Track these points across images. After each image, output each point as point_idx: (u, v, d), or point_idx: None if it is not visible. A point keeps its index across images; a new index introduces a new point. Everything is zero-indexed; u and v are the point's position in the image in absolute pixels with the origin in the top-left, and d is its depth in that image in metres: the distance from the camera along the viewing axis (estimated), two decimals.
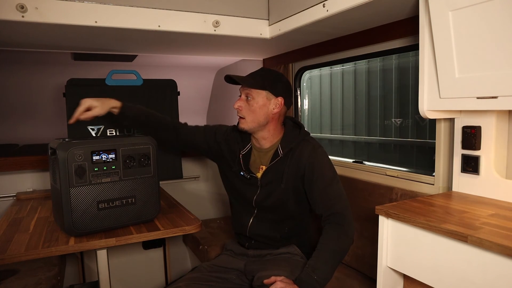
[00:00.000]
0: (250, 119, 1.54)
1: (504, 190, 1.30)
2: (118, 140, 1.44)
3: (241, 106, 1.55)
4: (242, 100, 1.55)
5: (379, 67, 3.22)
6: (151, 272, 2.47)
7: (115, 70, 2.14)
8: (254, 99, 1.53)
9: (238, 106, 1.55)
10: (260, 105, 1.53)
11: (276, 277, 1.34)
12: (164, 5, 1.69)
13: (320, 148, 1.55)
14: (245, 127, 1.56)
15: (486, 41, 1.08)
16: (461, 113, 1.41)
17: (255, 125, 1.55)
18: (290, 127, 1.62)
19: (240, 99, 1.56)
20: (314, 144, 1.56)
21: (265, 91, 1.53)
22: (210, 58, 3.30)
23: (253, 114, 1.54)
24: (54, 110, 3.58)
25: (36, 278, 1.57)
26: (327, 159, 1.55)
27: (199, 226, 1.51)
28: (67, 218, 1.32)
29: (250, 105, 1.53)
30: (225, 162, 1.69)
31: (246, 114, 1.54)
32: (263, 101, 1.53)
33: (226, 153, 1.67)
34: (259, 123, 1.55)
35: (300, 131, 1.60)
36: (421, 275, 1.16)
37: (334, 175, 1.52)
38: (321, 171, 1.50)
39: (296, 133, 1.59)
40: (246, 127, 1.55)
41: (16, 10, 1.45)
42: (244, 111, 1.54)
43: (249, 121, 1.54)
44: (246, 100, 1.54)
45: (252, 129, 1.56)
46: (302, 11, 1.64)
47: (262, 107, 1.53)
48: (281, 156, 1.54)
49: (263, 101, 1.54)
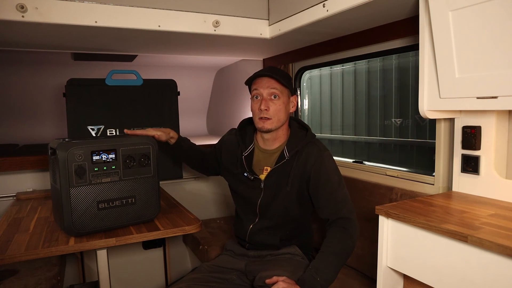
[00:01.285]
0: (276, 119, 1.50)
1: (504, 190, 1.30)
2: (118, 140, 1.44)
3: (269, 106, 1.49)
4: (267, 99, 1.50)
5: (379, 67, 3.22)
6: (151, 272, 2.47)
7: (115, 70, 2.14)
8: (280, 98, 1.50)
9: (267, 107, 1.49)
10: (285, 104, 1.52)
11: (278, 277, 1.34)
12: (164, 5, 1.69)
13: (326, 152, 1.54)
14: (272, 128, 1.51)
15: (486, 41, 1.08)
16: (461, 113, 1.41)
17: (279, 125, 1.53)
18: (296, 129, 1.61)
19: (265, 98, 1.50)
20: (320, 147, 1.55)
21: (287, 89, 1.53)
22: (210, 58, 3.30)
23: (280, 114, 1.50)
24: (54, 110, 3.58)
25: (36, 278, 1.57)
26: (334, 163, 1.54)
27: (199, 226, 1.51)
28: (67, 218, 1.32)
29: (277, 104, 1.49)
30: (229, 169, 1.69)
31: (273, 114, 1.49)
32: (287, 100, 1.53)
33: (226, 158, 1.69)
34: (282, 123, 1.54)
35: (306, 133, 1.59)
36: (421, 275, 1.16)
37: (340, 179, 1.51)
38: (327, 176, 1.49)
39: (303, 135, 1.58)
40: (273, 127, 1.51)
41: (16, 10, 1.45)
42: (272, 111, 1.49)
43: (275, 121, 1.50)
44: (271, 99, 1.50)
45: (275, 128, 1.53)
46: (302, 11, 1.64)
47: (286, 106, 1.53)
48: (287, 159, 1.53)
49: (287, 100, 1.53)
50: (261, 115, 1.50)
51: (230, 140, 1.70)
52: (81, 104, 2.06)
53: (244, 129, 1.70)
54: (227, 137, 1.74)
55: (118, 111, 2.14)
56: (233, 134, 1.70)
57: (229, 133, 1.74)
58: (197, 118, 4.34)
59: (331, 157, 1.54)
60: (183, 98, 2.46)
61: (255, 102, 1.53)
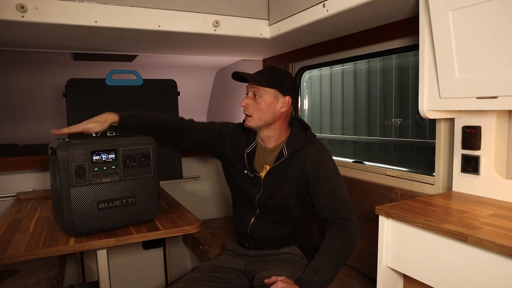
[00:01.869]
0: (257, 117, 1.52)
1: (504, 190, 1.30)
2: (118, 140, 1.44)
3: (248, 104, 1.52)
4: (249, 97, 1.53)
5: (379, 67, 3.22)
6: (151, 272, 2.47)
7: (115, 70, 2.14)
8: (261, 97, 1.51)
9: (245, 104, 1.53)
10: (267, 104, 1.51)
11: (277, 277, 1.34)
12: (164, 5, 1.69)
13: (326, 152, 1.54)
14: (251, 125, 1.54)
15: (486, 41, 1.08)
16: (461, 113, 1.41)
17: (261, 124, 1.53)
18: (297, 128, 1.61)
19: (247, 96, 1.54)
20: (320, 147, 1.55)
21: (273, 90, 1.52)
22: (210, 58, 3.30)
23: (260, 112, 1.52)
24: (54, 110, 3.58)
25: (36, 278, 1.57)
26: (333, 163, 1.54)
27: (199, 226, 1.51)
28: (67, 218, 1.32)
29: (257, 103, 1.51)
30: (228, 160, 1.68)
31: (253, 112, 1.52)
32: (270, 100, 1.52)
33: (230, 151, 1.66)
34: (265, 122, 1.53)
35: (306, 132, 1.59)
36: (421, 275, 1.16)
37: (340, 179, 1.52)
38: (327, 176, 1.49)
39: (303, 135, 1.58)
40: (253, 124, 1.54)
41: (16, 10, 1.45)
42: (251, 109, 1.52)
43: (256, 119, 1.52)
44: (254, 98, 1.52)
45: (258, 127, 1.55)
46: (302, 11, 1.64)
47: (270, 106, 1.52)
48: (285, 157, 1.53)
49: (271, 100, 1.52)
50: (243, 112, 1.55)
51: (236, 134, 1.67)
52: (81, 104, 2.06)
53: None
54: (234, 130, 1.69)
55: (118, 111, 2.14)
56: (239, 129, 1.69)
57: (237, 127, 1.71)
58: (197, 118, 4.30)
59: (331, 157, 1.55)
60: (183, 98, 2.45)
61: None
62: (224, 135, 1.69)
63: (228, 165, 1.70)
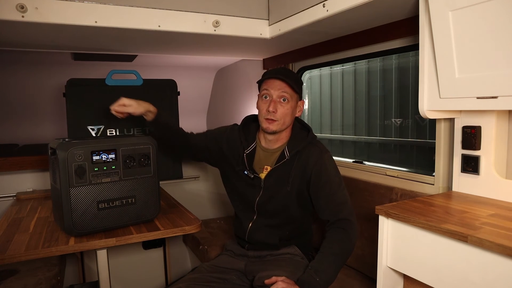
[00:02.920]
0: (282, 121, 1.51)
1: (504, 190, 1.30)
2: (118, 140, 1.44)
3: (277, 108, 1.49)
4: (277, 102, 1.49)
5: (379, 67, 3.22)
6: (151, 272, 2.47)
7: (115, 70, 2.14)
8: (289, 102, 1.50)
9: (275, 109, 1.48)
10: (293, 108, 1.52)
11: (277, 277, 1.34)
12: (164, 5, 1.69)
13: (327, 153, 1.54)
14: (276, 130, 1.51)
15: (486, 41, 1.08)
16: (461, 113, 1.41)
17: (284, 128, 1.54)
18: (298, 129, 1.62)
19: (275, 101, 1.49)
20: (321, 148, 1.55)
21: (297, 95, 1.53)
22: (210, 58, 3.30)
23: (287, 117, 1.51)
24: (54, 110, 3.57)
25: (36, 278, 1.57)
26: (334, 164, 1.54)
27: (199, 226, 1.51)
28: (67, 218, 1.32)
29: (285, 108, 1.50)
30: (227, 164, 1.67)
31: (280, 117, 1.49)
32: (295, 104, 1.54)
33: (228, 153, 1.66)
34: (287, 126, 1.55)
35: (308, 134, 1.59)
36: (421, 275, 1.16)
37: (340, 180, 1.52)
38: (328, 177, 1.49)
39: (304, 136, 1.58)
40: (277, 129, 1.51)
41: (16, 10, 1.45)
42: (279, 113, 1.49)
43: (280, 124, 1.51)
44: (280, 102, 1.50)
45: (279, 130, 1.54)
46: (302, 11, 1.64)
47: (293, 110, 1.53)
48: (287, 158, 1.53)
49: (295, 104, 1.54)
50: (268, 116, 1.50)
51: (233, 135, 1.67)
52: (81, 104, 2.06)
53: (247, 126, 1.68)
54: (230, 132, 1.69)
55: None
56: (236, 130, 1.68)
57: (232, 128, 1.70)
58: (197, 118, 4.33)
59: (332, 159, 1.55)
60: (183, 98, 2.45)
61: (264, 102, 1.52)
62: (221, 139, 1.69)
63: (226, 169, 1.69)
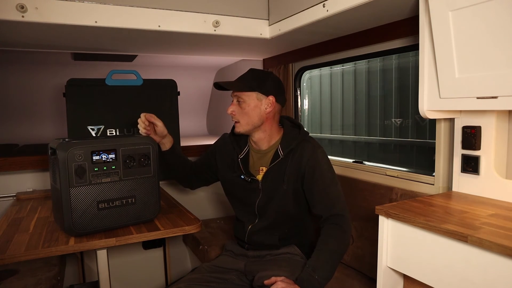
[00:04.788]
0: (244, 122, 1.55)
1: (504, 190, 1.30)
2: (118, 140, 1.44)
3: (234, 110, 1.56)
4: (234, 104, 1.56)
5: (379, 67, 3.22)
6: (151, 272, 2.47)
7: (115, 70, 2.14)
8: (245, 102, 1.53)
9: (232, 111, 1.56)
10: (252, 107, 1.54)
11: (277, 277, 1.34)
12: (164, 5, 1.69)
13: (320, 149, 1.56)
14: (241, 131, 1.56)
15: (486, 41, 1.08)
16: (461, 113, 1.41)
17: (250, 128, 1.56)
18: (289, 127, 1.62)
19: (232, 104, 1.57)
20: (314, 144, 1.56)
21: (254, 92, 1.53)
22: (210, 58, 3.30)
23: (247, 117, 1.54)
24: (54, 110, 3.58)
25: (36, 278, 1.57)
26: (327, 159, 1.56)
27: (199, 226, 1.51)
28: (67, 218, 1.32)
29: (242, 108, 1.54)
30: (224, 172, 1.69)
31: (240, 118, 1.55)
32: (254, 103, 1.54)
33: (222, 163, 1.69)
34: (254, 125, 1.56)
35: (299, 131, 1.60)
36: (421, 275, 1.16)
37: (333, 176, 1.53)
38: (321, 172, 1.51)
39: (296, 133, 1.59)
40: (242, 130, 1.56)
41: (16, 10, 1.45)
42: (238, 115, 1.55)
43: (244, 124, 1.55)
44: (238, 104, 1.55)
45: (247, 131, 1.57)
46: (302, 11, 1.64)
47: (255, 109, 1.54)
48: (282, 157, 1.54)
49: (255, 103, 1.54)
50: (232, 120, 1.59)
51: (224, 144, 1.72)
52: (81, 104, 2.06)
53: None
54: (220, 142, 1.76)
55: (118, 111, 2.14)
56: (227, 138, 1.72)
57: (222, 138, 1.76)
58: (197, 118, 4.33)
59: (325, 154, 1.56)
60: (183, 98, 2.45)
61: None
62: (215, 151, 1.75)
63: (225, 178, 1.71)
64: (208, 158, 1.79)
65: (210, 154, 1.78)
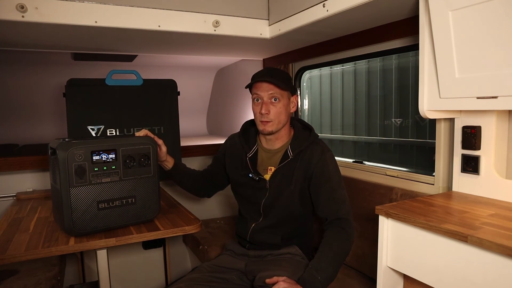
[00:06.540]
0: (277, 120, 1.53)
1: (504, 190, 1.30)
2: (118, 140, 1.44)
3: (269, 110, 1.51)
4: (268, 103, 1.51)
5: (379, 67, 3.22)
6: (151, 272, 2.47)
7: (115, 70, 2.14)
8: (280, 100, 1.52)
9: (267, 111, 1.51)
10: (285, 106, 1.54)
11: (279, 277, 1.34)
12: (164, 5, 1.69)
13: (329, 152, 1.56)
14: (273, 130, 1.54)
15: (486, 41, 1.08)
16: (461, 113, 1.41)
17: (280, 127, 1.55)
18: (300, 129, 1.63)
19: (266, 102, 1.51)
20: (323, 147, 1.57)
21: (287, 92, 1.54)
22: (210, 58, 3.30)
23: (281, 116, 1.53)
24: (54, 110, 3.58)
25: (36, 278, 1.57)
26: (335, 163, 1.56)
27: (199, 226, 1.51)
28: (67, 218, 1.32)
29: (277, 107, 1.51)
30: (233, 171, 1.70)
31: (274, 117, 1.51)
32: (287, 102, 1.55)
33: (233, 160, 1.69)
34: (283, 124, 1.56)
35: (310, 133, 1.60)
36: (421, 275, 1.16)
37: (340, 180, 1.54)
38: (329, 175, 1.51)
39: (306, 135, 1.59)
40: (274, 129, 1.54)
41: (16, 10, 1.45)
42: (272, 114, 1.51)
43: (276, 123, 1.53)
44: (272, 102, 1.51)
45: (277, 130, 1.55)
46: (302, 11, 1.64)
47: (286, 108, 1.55)
48: (291, 158, 1.54)
49: (287, 102, 1.55)
50: (262, 119, 1.53)
51: (233, 144, 1.72)
52: (81, 104, 2.06)
53: (247, 131, 1.71)
54: (229, 142, 1.76)
55: (118, 111, 2.14)
56: (234, 138, 1.73)
57: (230, 138, 1.77)
58: (197, 118, 4.33)
59: (333, 158, 1.57)
60: (183, 98, 2.46)
61: (256, 105, 1.55)
62: (224, 151, 1.76)
63: (233, 176, 1.71)
64: (218, 160, 1.79)
65: (220, 155, 1.79)
